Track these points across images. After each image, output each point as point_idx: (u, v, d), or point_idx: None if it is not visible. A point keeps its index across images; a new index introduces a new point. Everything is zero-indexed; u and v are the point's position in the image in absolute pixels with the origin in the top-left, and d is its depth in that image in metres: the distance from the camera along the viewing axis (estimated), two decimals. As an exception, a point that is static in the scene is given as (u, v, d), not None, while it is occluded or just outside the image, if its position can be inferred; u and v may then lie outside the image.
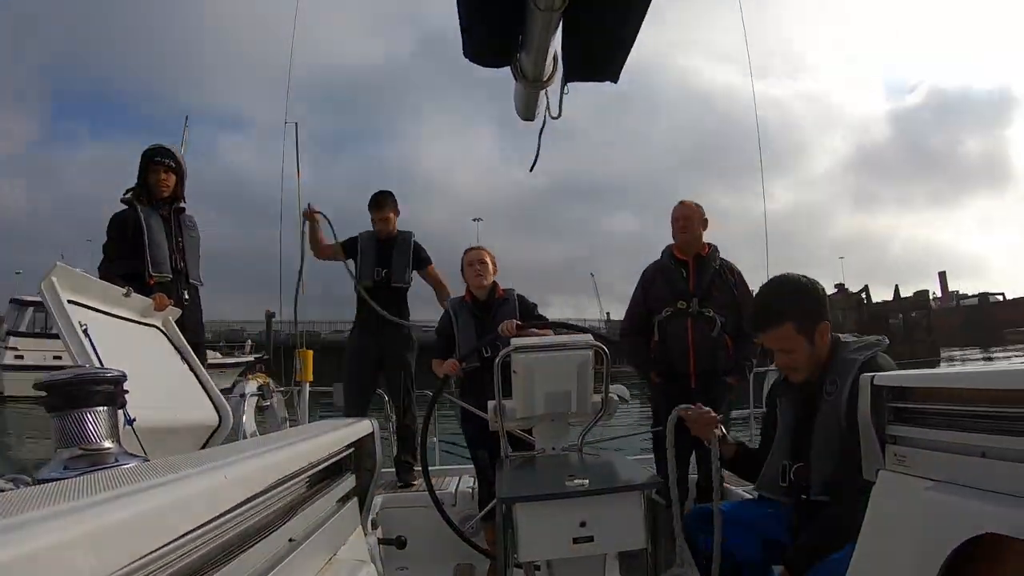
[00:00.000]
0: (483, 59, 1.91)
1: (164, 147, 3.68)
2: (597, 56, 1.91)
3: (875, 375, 1.36)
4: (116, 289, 2.70)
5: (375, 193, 4.40)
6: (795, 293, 2.03)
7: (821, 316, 1.99)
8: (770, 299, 2.10)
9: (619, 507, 1.75)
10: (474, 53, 1.87)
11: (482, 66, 1.92)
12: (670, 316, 3.46)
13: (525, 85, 1.96)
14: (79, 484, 0.69)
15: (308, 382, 4.69)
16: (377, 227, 4.37)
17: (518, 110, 2.22)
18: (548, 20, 1.63)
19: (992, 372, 1.17)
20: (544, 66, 1.88)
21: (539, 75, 1.90)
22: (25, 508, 0.55)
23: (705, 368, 3.41)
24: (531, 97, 2.06)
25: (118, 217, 3.50)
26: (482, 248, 3.60)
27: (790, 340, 1.98)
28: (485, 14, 1.75)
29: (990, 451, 1.04)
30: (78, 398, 1.07)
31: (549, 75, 1.92)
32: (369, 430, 1.74)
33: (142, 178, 3.58)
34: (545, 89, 1.99)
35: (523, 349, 2.17)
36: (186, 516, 0.70)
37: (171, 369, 2.93)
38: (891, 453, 1.29)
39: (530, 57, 1.83)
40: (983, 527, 0.98)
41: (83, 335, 2.18)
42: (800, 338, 1.97)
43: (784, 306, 2.02)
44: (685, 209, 3.57)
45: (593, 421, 2.42)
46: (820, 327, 1.97)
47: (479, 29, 1.80)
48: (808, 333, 1.97)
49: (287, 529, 1.13)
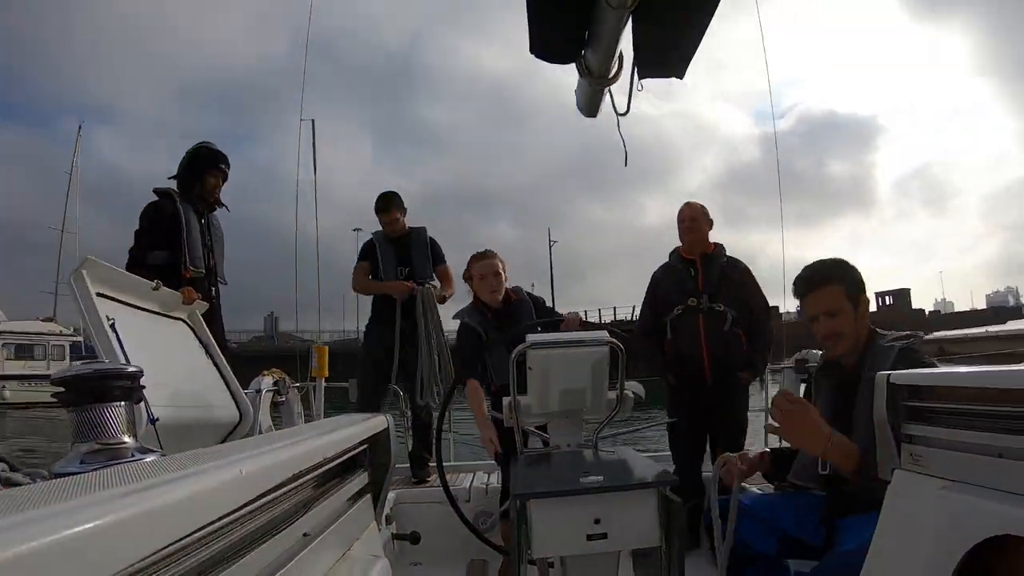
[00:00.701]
0: (549, 55, 1.93)
1: (221, 152, 3.74)
2: (667, 53, 1.92)
3: (891, 373, 1.35)
4: (145, 282, 2.72)
5: (380, 196, 4.39)
6: (842, 265, 2.11)
7: (863, 291, 2.05)
8: (819, 264, 2.14)
9: (633, 504, 1.75)
10: (541, 49, 1.88)
11: (548, 62, 1.93)
12: (681, 314, 3.49)
13: (591, 82, 1.97)
14: (96, 478, 0.70)
15: (323, 378, 4.72)
16: (387, 229, 4.37)
17: (581, 107, 2.22)
18: (619, 18, 1.64)
19: (1011, 371, 1.15)
20: (611, 63, 1.88)
21: (605, 72, 1.91)
22: (42, 502, 0.56)
23: (719, 363, 3.40)
24: (596, 94, 2.07)
25: (154, 206, 3.51)
26: (494, 257, 3.39)
27: (837, 301, 2.02)
28: (554, 11, 1.76)
29: (1008, 451, 1.03)
30: (95, 393, 1.08)
31: (614, 72, 1.93)
32: (384, 425, 1.75)
33: (197, 176, 3.62)
34: (609, 87, 2.00)
35: (538, 346, 2.17)
36: (202, 511, 0.71)
37: (195, 364, 2.96)
38: (907, 452, 1.28)
39: (597, 55, 1.84)
40: (999, 528, 0.97)
41: (110, 329, 2.21)
42: (847, 303, 2.01)
43: (832, 271, 2.08)
44: (691, 210, 3.60)
45: (608, 418, 2.41)
46: (863, 299, 2.03)
47: (547, 25, 1.81)
48: (853, 300, 2.02)
49: (302, 524, 1.14)
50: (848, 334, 2.01)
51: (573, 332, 2.57)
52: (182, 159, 3.65)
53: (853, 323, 2.01)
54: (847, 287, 2.03)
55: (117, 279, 2.52)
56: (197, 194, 3.61)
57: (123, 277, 2.62)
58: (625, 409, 2.41)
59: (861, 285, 2.06)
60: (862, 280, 2.08)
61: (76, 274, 2.24)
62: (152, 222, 3.46)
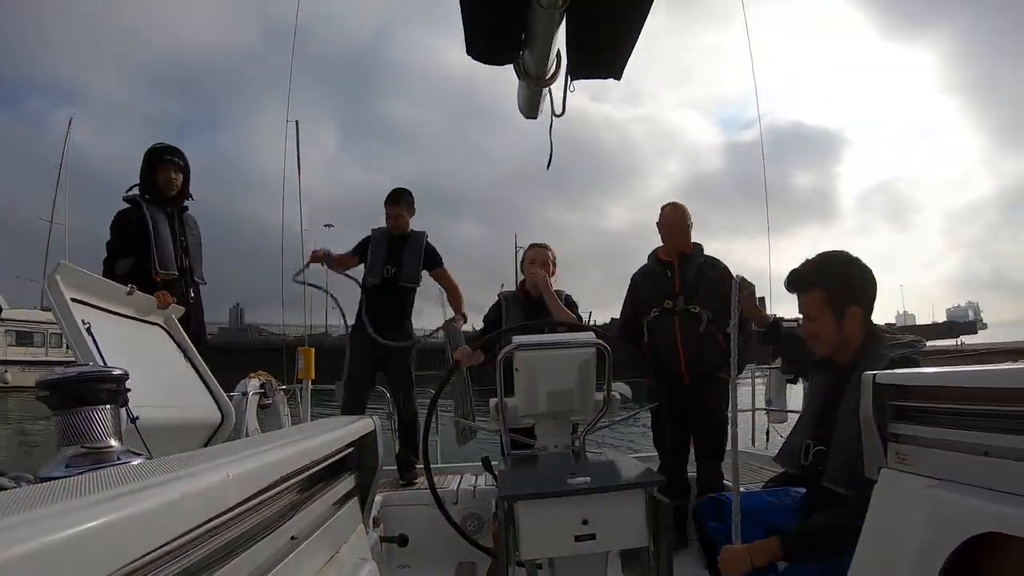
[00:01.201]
0: (486, 57, 1.91)
1: (171, 146, 3.69)
2: (601, 53, 1.91)
3: (877, 373, 1.36)
4: (119, 287, 2.70)
5: (393, 189, 4.39)
6: (836, 266, 2.04)
7: (854, 298, 1.98)
8: (809, 264, 2.09)
9: (621, 505, 1.75)
10: (477, 51, 1.87)
11: (485, 64, 1.92)
12: (657, 316, 3.52)
13: (528, 83, 1.96)
14: (81, 482, 0.69)
15: (310, 380, 4.70)
16: (390, 224, 4.36)
17: (521, 108, 2.21)
18: (551, 18, 1.63)
19: (996, 371, 1.16)
20: (547, 64, 1.88)
21: (542, 73, 1.90)
22: (27, 506, 0.55)
23: (695, 364, 3.42)
24: (534, 95, 2.06)
25: (122, 215, 3.49)
26: (547, 247, 3.61)
27: (816, 307, 1.99)
28: (488, 12, 1.75)
29: (993, 450, 1.04)
30: (80, 396, 1.07)
31: (552, 73, 1.92)
32: (371, 428, 1.74)
33: (149, 176, 3.58)
34: (548, 87, 1.99)
35: (525, 347, 2.17)
36: (188, 514, 0.70)
37: (174, 367, 2.94)
38: (893, 451, 1.29)
39: (533, 55, 1.83)
40: (985, 526, 0.98)
41: (86, 333, 2.19)
42: (827, 310, 1.97)
43: (818, 275, 2.03)
44: (678, 213, 3.61)
45: (595, 419, 2.42)
46: (851, 309, 1.97)
47: (482, 27, 1.79)
48: (837, 308, 1.97)
49: (289, 527, 1.13)
50: (825, 339, 2.00)
51: (560, 334, 2.57)
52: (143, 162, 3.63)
53: (833, 328, 1.98)
54: (829, 293, 1.98)
55: (91, 284, 2.50)
56: (153, 194, 3.57)
57: (97, 282, 2.59)
58: (612, 410, 2.42)
59: (850, 292, 1.99)
60: (857, 283, 2.01)
61: (50, 280, 2.22)
62: (120, 230, 3.46)
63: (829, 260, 2.07)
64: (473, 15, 1.73)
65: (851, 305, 1.97)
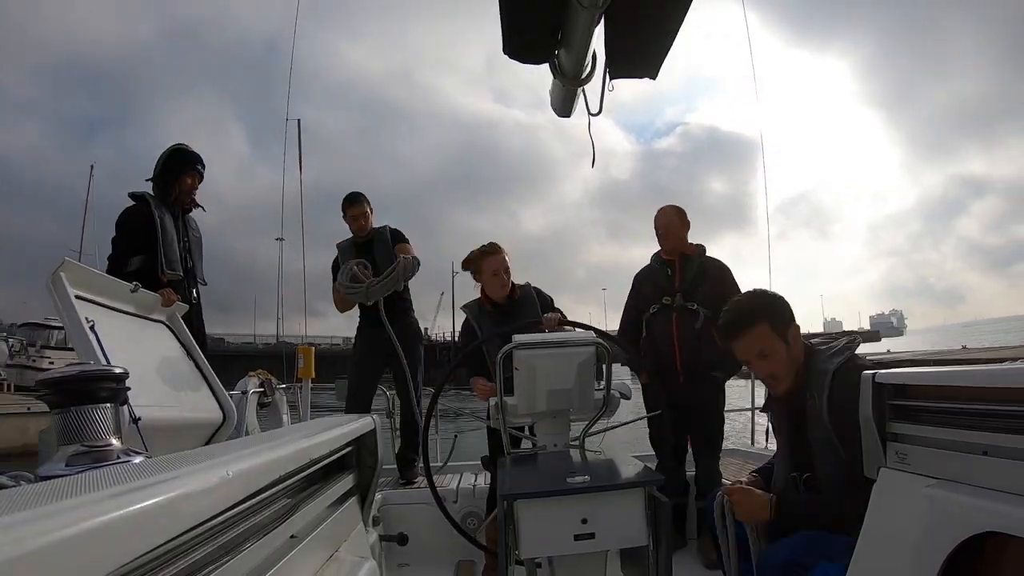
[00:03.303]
0: (523, 56, 1.92)
1: (195, 152, 3.70)
2: (639, 53, 1.91)
3: (877, 372, 1.36)
4: (124, 284, 2.70)
5: (349, 193, 4.34)
6: (764, 297, 2.07)
7: (791, 318, 2.02)
8: (741, 303, 2.09)
9: (620, 504, 1.75)
10: (514, 50, 1.87)
11: (521, 63, 1.92)
12: (656, 312, 3.57)
13: (564, 82, 1.96)
14: (81, 481, 0.69)
15: (310, 379, 4.70)
16: (354, 227, 4.31)
17: (555, 107, 2.22)
18: (590, 18, 1.64)
19: (994, 370, 1.16)
20: (584, 64, 1.88)
21: (579, 73, 1.91)
22: (27, 505, 0.55)
23: (689, 361, 3.43)
24: (569, 94, 2.07)
25: (130, 212, 3.48)
26: (502, 252, 3.38)
27: (766, 339, 1.97)
28: (526, 11, 1.76)
29: (991, 449, 1.04)
30: (80, 395, 1.07)
31: (587, 73, 1.93)
32: (371, 426, 1.74)
33: (171, 178, 3.58)
34: (583, 87, 1.99)
35: (525, 346, 2.17)
36: (188, 513, 0.70)
37: (177, 365, 2.94)
38: (892, 451, 1.29)
39: (570, 55, 1.84)
40: (984, 525, 0.98)
41: (89, 331, 2.19)
42: (776, 338, 1.97)
43: (756, 307, 2.03)
44: (664, 216, 3.64)
45: (595, 418, 2.42)
46: (792, 328, 1.99)
47: (519, 27, 1.80)
48: (782, 333, 1.98)
49: (289, 525, 1.13)
50: (784, 374, 1.98)
51: (559, 333, 2.57)
52: (157, 161, 3.61)
53: (786, 359, 1.97)
54: (772, 322, 1.98)
55: (96, 281, 2.50)
56: (175, 196, 3.57)
57: (102, 280, 2.59)
58: (611, 409, 2.42)
59: (788, 315, 2.01)
60: (788, 308, 2.03)
61: (54, 276, 2.21)
62: (128, 228, 3.44)
63: (753, 296, 2.10)
64: (511, 14, 1.73)
65: (791, 324, 2.00)
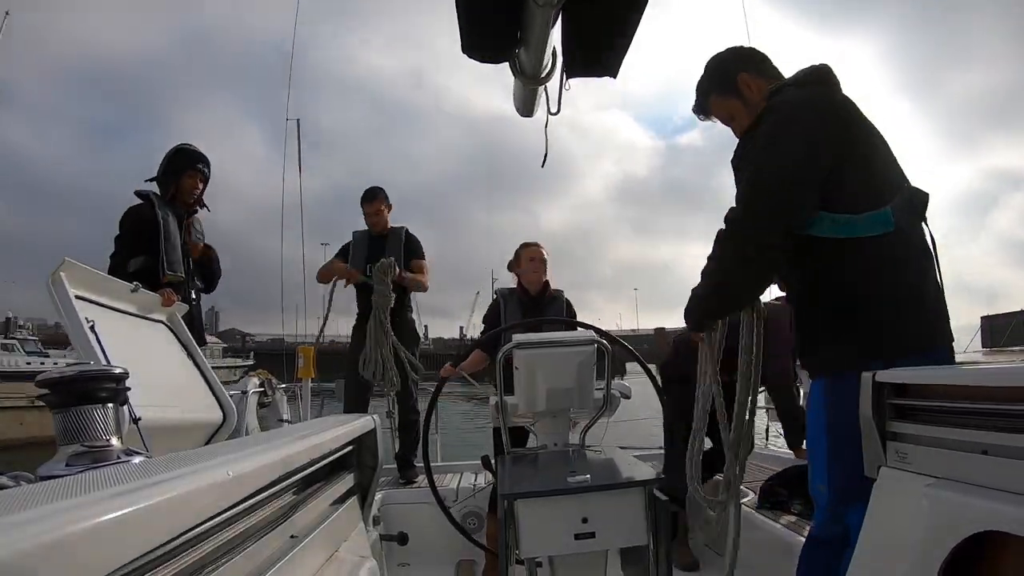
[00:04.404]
0: (481, 55, 1.91)
1: (200, 152, 3.69)
2: (597, 52, 1.91)
3: (876, 372, 1.35)
4: (124, 284, 2.70)
5: (367, 188, 4.38)
6: (704, 71, 1.95)
7: (734, 71, 1.89)
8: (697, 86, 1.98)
9: (621, 503, 1.75)
10: (472, 49, 1.87)
11: (480, 62, 1.92)
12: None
13: (524, 82, 1.96)
14: (81, 481, 0.69)
15: (309, 379, 4.70)
16: (370, 222, 4.35)
17: (517, 107, 2.21)
18: (547, 16, 1.63)
19: (994, 369, 1.16)
20: (543, 63, 1.88)
21: (538, 71, 1.90)
22: (27, 505, 0.55)
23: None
24: (530, 94, 2.06)
25: (134, 212, 3.46)
26: (539, 245, 3.66)
27: (722, 107, 1.91)
28: (483, 10, 1.75)
29: (992, 448, 1.04)
30: (80, 395, 1.07)
31: (548, 71, 1.92)
32: (371, 426, 1.74)
33: (173, 179, 3.57)
34: (544, 85, 1.99)
35: (525, 345, 2.17)
36: (188, 513, 0.70)
37: (177, 366, 2.94)
38: (892, 450, 1.29)
39: (529, 53, 1.83)
40: (985, 525, 0.98)
41: (89, 331, 2.18)
42: (729, 99, 1.89)
43: (699, 87, 1.95)
44: None
45: (595, 417, 2.42)
46: (738, 81, 1.87)
47: (478, 26, 1.79)
48: (730, 92, 1.89)
49: (289, 525, 1.13)
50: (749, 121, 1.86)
51: (558, 332, 2.57)
52: (161, 161, 3.61)
53: (745, 109, 1.86)
54: (717, 90, 1.90)
55: (96, 281, 2.49)
56: (173, 195, 3.56)
57: (102, 279, 2.59)
58: (612, 409, 2.42)
59: (727, 74, 1.89)
60: (726, 65, 1.91)
61: (54, 276, 2.20)
62: (131, 227, 3.42)
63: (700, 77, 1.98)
64: (469, 13, 1.73)
65: (735, 79, 1.88)
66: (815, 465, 1.72)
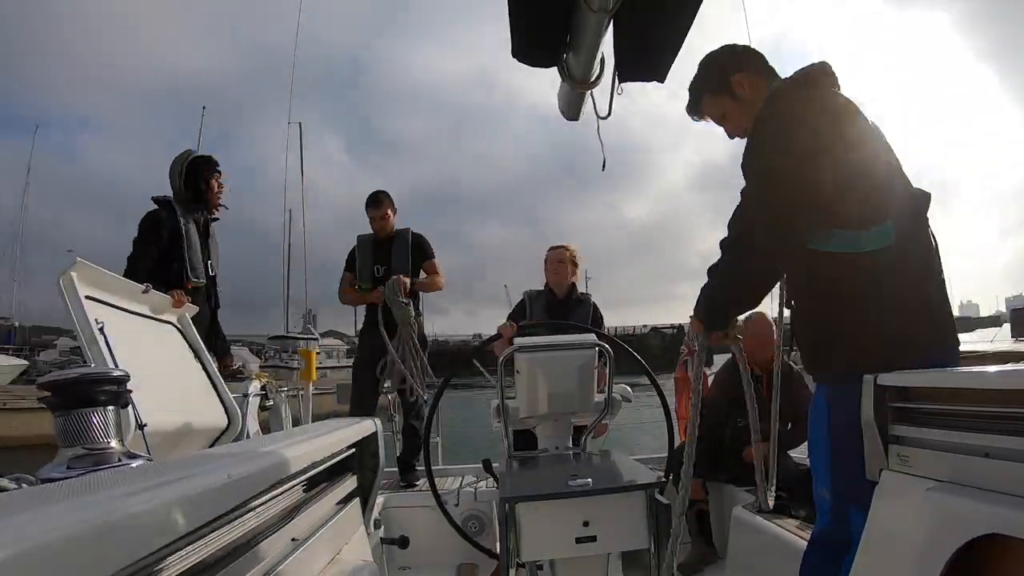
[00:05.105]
0: (530, 59, 1.92)
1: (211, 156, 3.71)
2: (648, 56, 1.91)
3: (878, 375, 1.35)
4: (135, 285, 2.70)
5: (372, 193, 4.37)
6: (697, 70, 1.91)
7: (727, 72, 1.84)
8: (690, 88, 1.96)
9: (622, 507, 1.75)
10: (522, 53, 1.87)
11: (530, 66, 1.93)
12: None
13: (572, 86, 1.96)
14: (82, 484, 0.70)
15: (311, 382, 4.69)
16: (376, 226, 4.34)
17: (562, 110, 2.21)
18: (599, 22, 1.64)
19: (996, 372, 1.16)
20: (592, 67, 1.88)
21: (587, 76, 1.90)
22: (28, 507, 0.55)
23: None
24: (577, 98, 2.06)
25: (153, 216, 3.44)
26: (565, 248, 3.76)
27: (715, 106, 1.88)
28: (534, 14, 1.76)
29: (993, 451, 1.03)
30: (81, 398, 1.07)
31: (596, 76, 1.92)
32: (372, 430, 1.74)
33: (194, 183, 3.57)
34: (591, 90, 1.99)
35: (526, 349, 2.17)
36: (189, 516, 0.70)
37: (184, 368, 2.93)
38: (894, 453, 1.29)
39: (579, 58, 1.83)
40: (986, 527, 0.97)
41: (98, 332, 2.18)
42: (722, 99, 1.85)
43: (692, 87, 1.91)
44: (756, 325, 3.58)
45: (596, 420, 2.41)
46: (733, 81, 1.83)
47: (528, 30, 1.80)
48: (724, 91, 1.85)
49: (290, 529, 1.13)
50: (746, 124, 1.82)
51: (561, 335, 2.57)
52: (175, 169, 3.60)
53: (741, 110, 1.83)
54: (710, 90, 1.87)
55: (107, 282, 2.49)
56: (205, 199, 3.58)
57: (113, 280, 2.59)
58: (613, 412, 2.42)
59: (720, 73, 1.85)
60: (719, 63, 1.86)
61: (65, 276, 2.20)
62: (151, 232, 3.40)
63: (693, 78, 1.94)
64: (519, 18, 1.74)
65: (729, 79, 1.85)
66: (818, 469, 1.72)
